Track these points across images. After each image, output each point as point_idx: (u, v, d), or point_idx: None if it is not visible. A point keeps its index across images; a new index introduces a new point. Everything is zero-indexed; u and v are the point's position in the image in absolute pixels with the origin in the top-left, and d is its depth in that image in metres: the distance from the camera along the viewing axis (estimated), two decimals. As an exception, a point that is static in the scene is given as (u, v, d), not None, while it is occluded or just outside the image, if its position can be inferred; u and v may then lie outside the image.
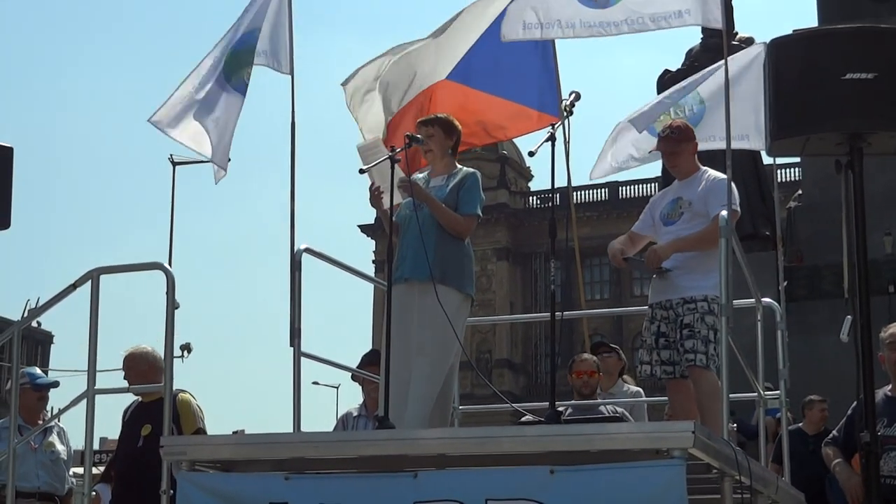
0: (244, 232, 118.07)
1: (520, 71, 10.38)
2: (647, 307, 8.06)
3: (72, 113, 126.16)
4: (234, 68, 9.34)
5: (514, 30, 8.25)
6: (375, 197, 7.70)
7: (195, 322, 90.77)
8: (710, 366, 7.54)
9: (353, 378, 9.43)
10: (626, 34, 7.85)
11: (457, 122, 8.13)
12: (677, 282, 7.79)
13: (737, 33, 18.15)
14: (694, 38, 19.60)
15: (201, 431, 8.56)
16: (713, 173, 8.04)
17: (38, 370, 10.40)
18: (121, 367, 8.86)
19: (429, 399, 7.39)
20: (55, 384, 10.07)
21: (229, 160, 9.32)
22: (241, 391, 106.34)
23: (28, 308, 46.61)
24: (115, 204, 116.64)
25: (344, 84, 10.28)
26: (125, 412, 8.98)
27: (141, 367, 8.67)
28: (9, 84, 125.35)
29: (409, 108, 10.24)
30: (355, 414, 9.55)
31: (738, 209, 7.75)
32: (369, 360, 9.25)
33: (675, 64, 19.74)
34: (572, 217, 11.79)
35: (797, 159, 27.53)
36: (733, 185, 7.71)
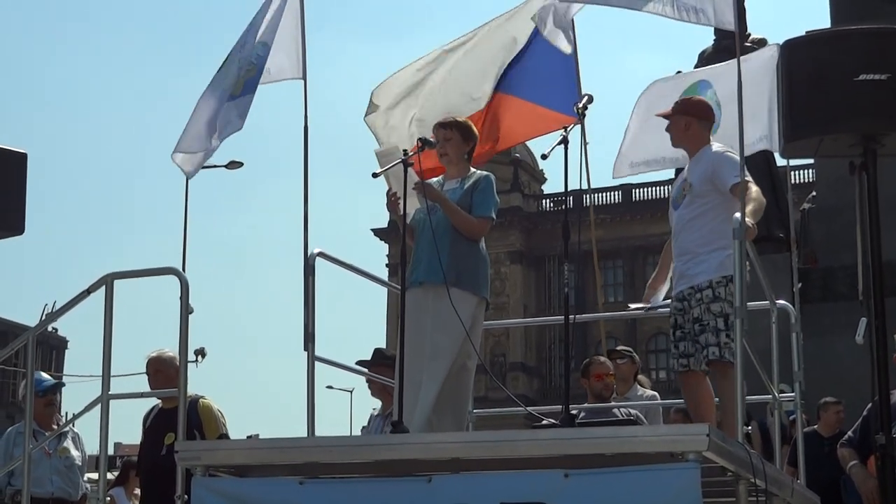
0: (258, 236, 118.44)
1: (542, 73, 10.38)
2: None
3: (85, 118, 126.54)
4: (236, 82, 9.38)
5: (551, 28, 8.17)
6: (393, 203, 7.70)
7: (209, 327, 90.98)
8: (724, 355, 7.43)
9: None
10: (649, 13, 7.72)
11: (475, 128, 8.15)
12: (686, 270, 7.71)
13: (749, 35, 18.12)
14: (705, 40, 19.61)
15: (225, 437, 8.59)
16: (719, 149, 7.88)
17: (43, 374, 10.38)
18: (134, 371, 8.93)
19: (431, 402, 7.39)
20: (59, 385, 10.08)
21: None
22: (255, 396, 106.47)
23: (45, 313, 46.77)
24: (129, 209, 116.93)
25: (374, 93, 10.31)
26: (146, 418, 9.02)
27: (169, 372, 8.68)
28: (22, 89, 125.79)
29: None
30: (375, 413, 9.59)
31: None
32: (373, 362, 9.26)
33: (687, 66, 19.71)
34: (591, 220, 11.75)
35: (811, 161, 27.50)
36: (735, 156, 7.66)
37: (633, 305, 8.56)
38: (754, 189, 7.30)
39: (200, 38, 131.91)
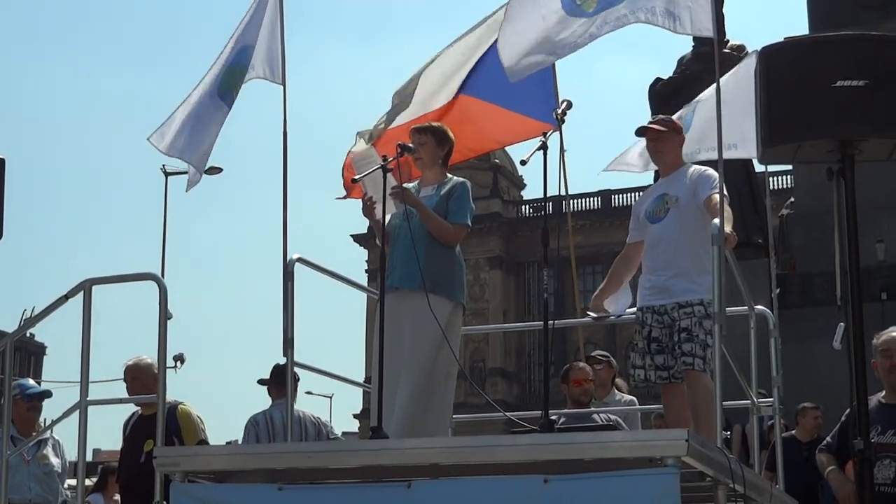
0: (237, 242, 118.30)
1: (520, 80, 10.40)
2: (635, 309, 8.02)
3: (64, 123, 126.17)
4: (227, 84, 9.35)
5: (521, 68, 7.98)
6: (368, 207, 7.70)
7: (188, 332, 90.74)
8: (706, 370, 7.52)
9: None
10: (632, 24, 7.69)
11: (450, 133, 8.14)
12: (670, 286, 7.75)
13: (728, 41, 18.22)
14: (682, 45, 19.68)
15: (204, 443, 8.59)
16: (698, 167, 8.00)
17: (30, 381, 10.38)
18: (112, 377, 8.91)
19: (409, 407, 7.39)
20: (47, 394, 10.05)
21: (205, 171, 9.44)
22: (234, 401, 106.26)
23: (24, 319, 46.59)
24: (108, 214, 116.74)
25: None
26: (126, 424, 9.03)
27: (147, 379, 8.69)
28: (0, 95, 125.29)
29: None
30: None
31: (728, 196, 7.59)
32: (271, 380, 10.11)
33: (664, 71, 19.81)
34: (569, 226, 11.76)
35: (789, 167, 27.63)
36: (712, 173, 7.73)
37: (592, 314, 8.54)
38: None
39: (183, 43, 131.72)
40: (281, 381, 10.36)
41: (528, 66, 7.75)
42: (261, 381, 10.50)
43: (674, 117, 10.01)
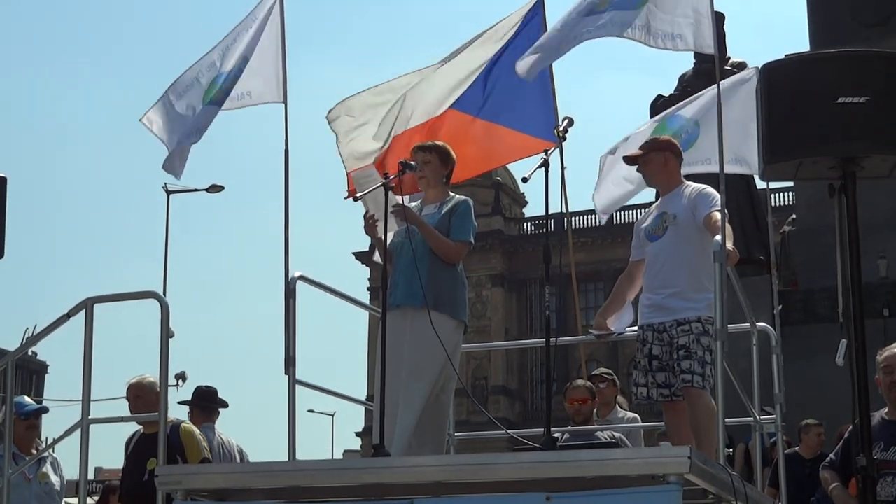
0: (239, 259, 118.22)
1: (517, 97, 10.40)
2: (636, 328, 8.03)
3: (66, 142, 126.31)
4: (214, 92, 9.32)
5: (528, 63, 8.02)
6: (370, 225, 7.70)
7: (190, 351, 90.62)
8: (706, 387, 7.51)
9: None
10: (627, 39, 7.70)
11: (453, 152, 8.15)
12: (668, 304, 7.76)
13: (729, 58, 18.23)
14: (682, 62, 19.70)
15: (207, 461, 8.57)
16: (697, 185, 8.01)
17: (26, 398, 10.30)
18: (114, 396, 8.88)
19: (411, 425, 7.38)
20: (43, 410, 10.00)
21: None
22: (236, 420, 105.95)
23: (26, 337, 46.50)
24: (110, 232, 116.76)
25: (330, 114, 10.35)
26: (128, 443, 9.00)
27: (150, 398, 8.68)
28: (2, 113, 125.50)
29: (410, 137, 10.25)
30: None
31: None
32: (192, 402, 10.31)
33: (665, 88, 19.82)
34: (570, 243, 11.76)
35: (791, 183, 27.61)
36: (711, 192, 7.72)
37: (594, 332, 8.56)
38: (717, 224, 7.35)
39: (183, 63, 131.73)
40: (203, 405, 10.43)
41: (537, 63, 7.81)
42: (183, 403, 10.52)
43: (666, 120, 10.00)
